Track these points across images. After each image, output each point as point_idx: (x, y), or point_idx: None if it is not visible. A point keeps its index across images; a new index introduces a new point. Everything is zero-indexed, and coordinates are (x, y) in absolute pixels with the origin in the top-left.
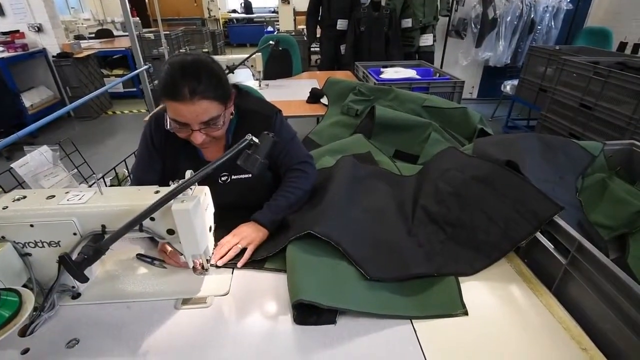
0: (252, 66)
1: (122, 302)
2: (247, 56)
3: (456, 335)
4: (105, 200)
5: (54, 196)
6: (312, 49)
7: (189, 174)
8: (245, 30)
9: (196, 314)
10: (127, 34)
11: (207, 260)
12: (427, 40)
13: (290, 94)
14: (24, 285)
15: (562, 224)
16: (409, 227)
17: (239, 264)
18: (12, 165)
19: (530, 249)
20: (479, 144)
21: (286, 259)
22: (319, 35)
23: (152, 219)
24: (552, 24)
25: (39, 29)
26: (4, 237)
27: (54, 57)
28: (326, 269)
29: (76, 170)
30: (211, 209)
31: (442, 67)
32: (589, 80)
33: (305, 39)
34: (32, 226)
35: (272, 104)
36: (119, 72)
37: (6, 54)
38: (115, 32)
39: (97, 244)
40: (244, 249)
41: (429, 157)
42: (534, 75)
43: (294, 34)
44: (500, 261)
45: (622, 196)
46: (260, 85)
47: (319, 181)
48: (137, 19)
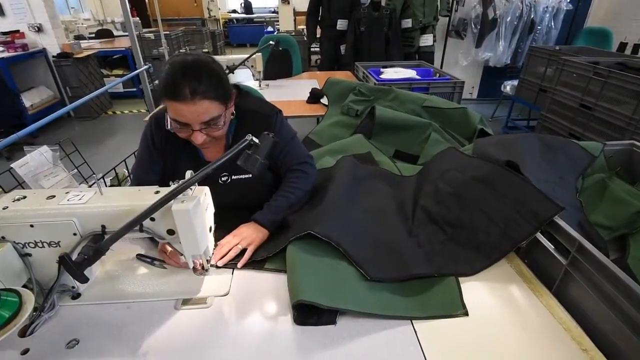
0: (252, 66)
1: (122, 302)
2: (247, 56)
3: (456, 335)
4: (105, 200)
5: (54, 196)
6: (312, 49)
7: (189, 174)
8: (245, 30)
9: (196, 315)
10: (127, 34)
11: (207, 260)
12: (427, 40)
13: (290, 94)
14: (24, 285)
15: (562, 224)
16: (409, 227)
17: (239, 264)
18: (12, 165)
19: (530, 249)
20: (479, 145)
21: (286, 259)
22: (319, 35)
23: (152, 219)
24: (552, 24)
25: (39, 29)
26: (4, 238)
27: (54, 57)
28: (326, 270)
29: (76, 170)
30: (211, 209)
31: (442, 67)
32: (589, 80)
33: (305, 39)
34: (32, 226)
35: (272, 104)
36: (119, 72)
37: (6, 54)
38: (115, 32)
39: (97, 244)
40: (244, 250)
41: (429, 157)
42: (534, 75)
43: (294, 34)
44: (500, 262)
45: (622, 196)
46: (260, 85)
47: (319, 181)
48: (137, 19)
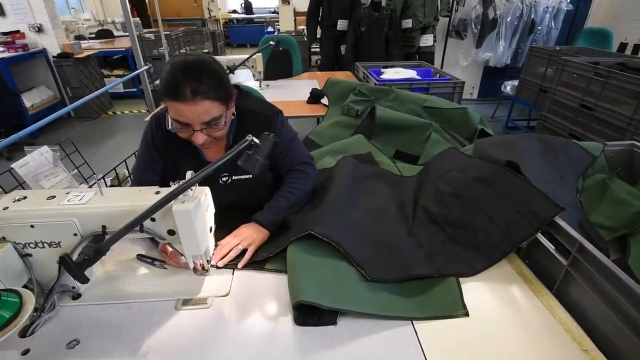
0: (252, 67)
1: (123, 302)
2: (247, 57)
3: (457, 336)
4: (105, 200)
5: (55, 197)
6: (312, 49)
7: (189, 174)
8: (245, 30)
9: (197, 315)
10: (128, 34)
11: (207, 261)
12: (427, 40)
13: (290, 95)
14: (25, 286)
15: (562, 224)
16: (410, 227)
17: (240, 264)
18: (12, 165)
19: (531, 249)
20: (480, 145)
21: (287, 259)
22: (319, 35)
23: (153, 220)
24: (553, 24)
25: (40, 29)
26: (4, 238)
27: (54, 57)
28: (327, 270)
29: (76, 170)
30: (212, 210)
31: (442, 67)
32: (589, 80)
33: (305, 39)
34: (32, 227)
35: (273, 104)
36: (119, 72)
37: (6, 54)
38: (115, 33)
39: (97, 244)
40: (244, 250)
41: (429, 157)
42: (534, 75)
43: (294, 34)
44: (501, 262)
45: (623, 197)
46: (260, 85)
47: (320, 182)
48: (138, 19)
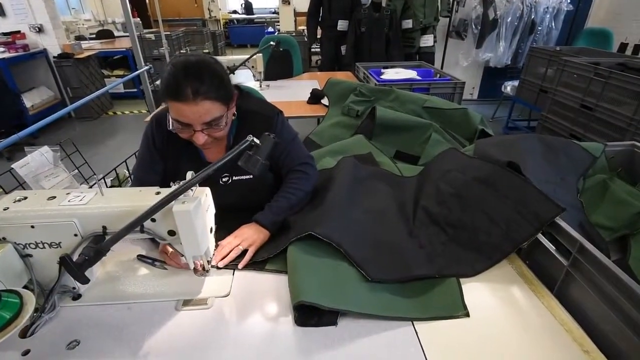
0: (252, 67)
1: (123, 303)
2: (247, 57)
3: (457, 336)
4: (106, 201)
5: (55, 197)
6: (312, 49)
7: (190, 175)
8: (245, 30)
9: (197, 315)
10: (128, 35)
11: (208, 261)
12: (427, 41)
13: (290, 95)
14: (25, 286)
15: (563, 225)
16: (410, 228)
17: (240, 265)
18: (12, 165)
19: (531, 250)
20: (480, 145)
21: (287, 260)
22: (319, 36)
23: (153, 220)
24: (553, 24)
25: (40, 30)
26: (4, 238)
27: (54, 57)
28: (327, 270)
29: (77, 170)
30: (212, 210)
31: (442, 67)
32: (590, 81)
33: (305, 39)
34: (32, 227)
35: (273, 104)
36: (120, 72)
37: (7, 55)
38: (116, 33)
39: (98, 245)
40: (245, 251)
41: (429, 158)
42: (535, 76)
43: (294, 34)
44: (501, 262)
45: (623, 197)
46: (260, 86)
47: (320, 182)
48: (138, 19)
